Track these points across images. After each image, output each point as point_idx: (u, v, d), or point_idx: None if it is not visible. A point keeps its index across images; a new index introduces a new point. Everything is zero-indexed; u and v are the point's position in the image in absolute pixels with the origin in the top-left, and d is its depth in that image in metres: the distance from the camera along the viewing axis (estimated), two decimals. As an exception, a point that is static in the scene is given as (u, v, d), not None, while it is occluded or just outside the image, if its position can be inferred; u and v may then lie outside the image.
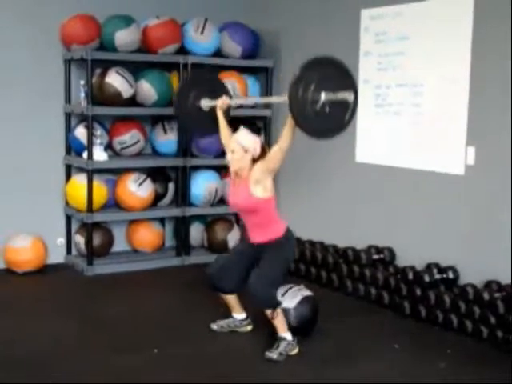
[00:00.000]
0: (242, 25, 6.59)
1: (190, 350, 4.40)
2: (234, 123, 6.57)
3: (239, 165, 4.41)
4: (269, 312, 4.33)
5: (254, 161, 4.40)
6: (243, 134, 4.47)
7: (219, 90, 5.19)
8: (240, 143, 4.40)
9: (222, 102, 4.99)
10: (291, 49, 6.62)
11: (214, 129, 5.03)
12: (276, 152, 4.31)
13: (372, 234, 5.79)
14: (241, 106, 6.62)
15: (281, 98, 4.66)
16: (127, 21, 5.97)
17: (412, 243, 5.51)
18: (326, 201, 6.26)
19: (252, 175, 4.37)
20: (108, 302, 5.35)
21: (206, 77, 5.44)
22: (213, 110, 5.07)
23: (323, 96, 4.19)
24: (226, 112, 5.07)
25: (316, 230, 6.28)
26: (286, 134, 4.26)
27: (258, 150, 4.40)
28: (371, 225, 5.86)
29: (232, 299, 4.69)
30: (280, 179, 6.28)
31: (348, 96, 4.28)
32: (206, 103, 5.15)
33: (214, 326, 4.74)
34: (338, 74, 4.30)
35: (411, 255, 5.45)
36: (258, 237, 4.46)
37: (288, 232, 4.49)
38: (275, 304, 4.34)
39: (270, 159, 4.34)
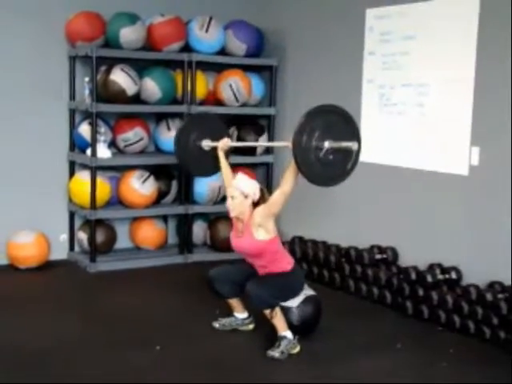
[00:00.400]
0: (247, 23, 6.58)
1: (191, 348, 4.40)
2: (238, 122, 6.65)
3: (239, 209, 4.43)
4: (267, 312, 4.34)
5: (254, 205, 4.42)
6: (242, 179, 4.49)
7: (220, 132, 5.21)
8: (239, 189, 4.41)
9: (223, 144, 5.02)
10: (296, 47, 6.62)
11: (215, 168, 5.08)
12: (278, 196, 4.33)
13: (375, 233, 5.79)
14: (244, 104, 6.63)
15: (284, 143, 4.69)
16: (132, 18, 5.97)
17: (415, 243, 5.50)
18: (328, 200, 6.25)
19: (254, 219, 4.39)
20: (110, 299, 5.34)
21: (208, 119, 5.45)
22: (213, 149, 5.12)
23: (327, 144, 4.24)
24: (226, 153, 5.10)
25: (318, 230, 6.28)
26: (289, 178, 4.30)
27: (257, 195, 4.42)
28: (374, 225, 5.85)
29: (233, 300, 4.70)
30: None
31: (352, 145, 4.33)
32: (206, 144, 5.17)
33: (216, 325, 4.74)
34: (341, 122, 4.34)
35: (414, 255, 5.45)
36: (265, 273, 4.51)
37: (294, 267, 4.51)
38: (273, 304, 4.34)
39: (272, 204, 4.36)
